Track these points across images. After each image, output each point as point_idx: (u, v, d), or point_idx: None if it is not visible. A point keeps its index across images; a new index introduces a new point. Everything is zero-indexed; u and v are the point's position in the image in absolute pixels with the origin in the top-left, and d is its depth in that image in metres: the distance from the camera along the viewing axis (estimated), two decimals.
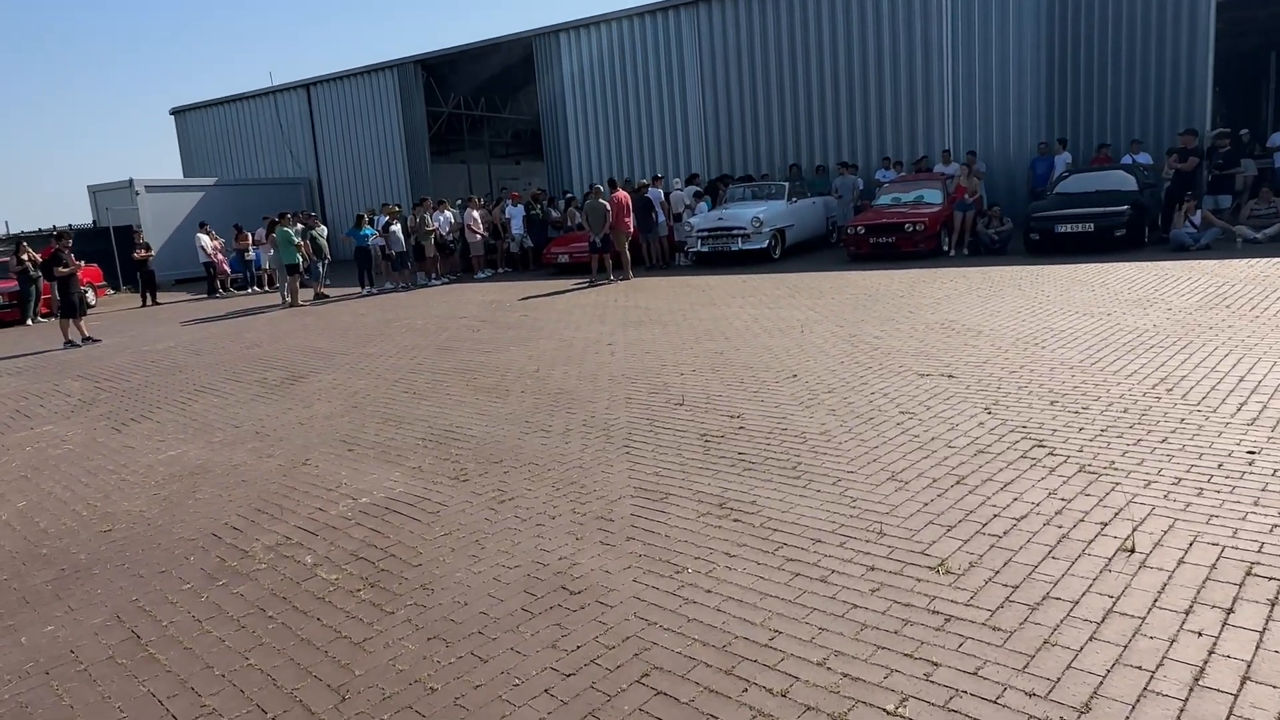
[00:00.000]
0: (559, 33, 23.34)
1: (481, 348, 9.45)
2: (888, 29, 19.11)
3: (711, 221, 16.16)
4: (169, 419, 7.35)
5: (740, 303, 11.06)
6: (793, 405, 5.89)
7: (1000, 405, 5.44)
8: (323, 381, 8.39)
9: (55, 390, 9.21)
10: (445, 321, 11.88)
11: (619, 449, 5.27)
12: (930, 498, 4.04)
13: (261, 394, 8.07)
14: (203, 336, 12.63)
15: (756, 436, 5.25)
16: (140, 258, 18.70)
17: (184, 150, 32.36)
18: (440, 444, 5.77)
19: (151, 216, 23.26)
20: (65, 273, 12.58)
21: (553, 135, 24.03)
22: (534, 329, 10.45)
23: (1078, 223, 12.91)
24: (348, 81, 27.58)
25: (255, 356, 10.31)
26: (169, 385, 8.92)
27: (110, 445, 6.62)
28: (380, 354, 9.68)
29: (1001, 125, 18.52)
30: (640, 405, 6.28)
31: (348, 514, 4.57)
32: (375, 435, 6.18)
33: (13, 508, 5.25)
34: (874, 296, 10.61)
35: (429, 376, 8.14)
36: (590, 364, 8.02)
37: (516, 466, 5.11)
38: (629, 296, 12.84)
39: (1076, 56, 17.60)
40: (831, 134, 20.17)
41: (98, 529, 4.72)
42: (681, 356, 7.96)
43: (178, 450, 6.27)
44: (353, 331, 11.73)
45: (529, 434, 5.80)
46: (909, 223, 14.26)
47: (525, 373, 7.87)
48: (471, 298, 14.59)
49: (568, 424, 5.96)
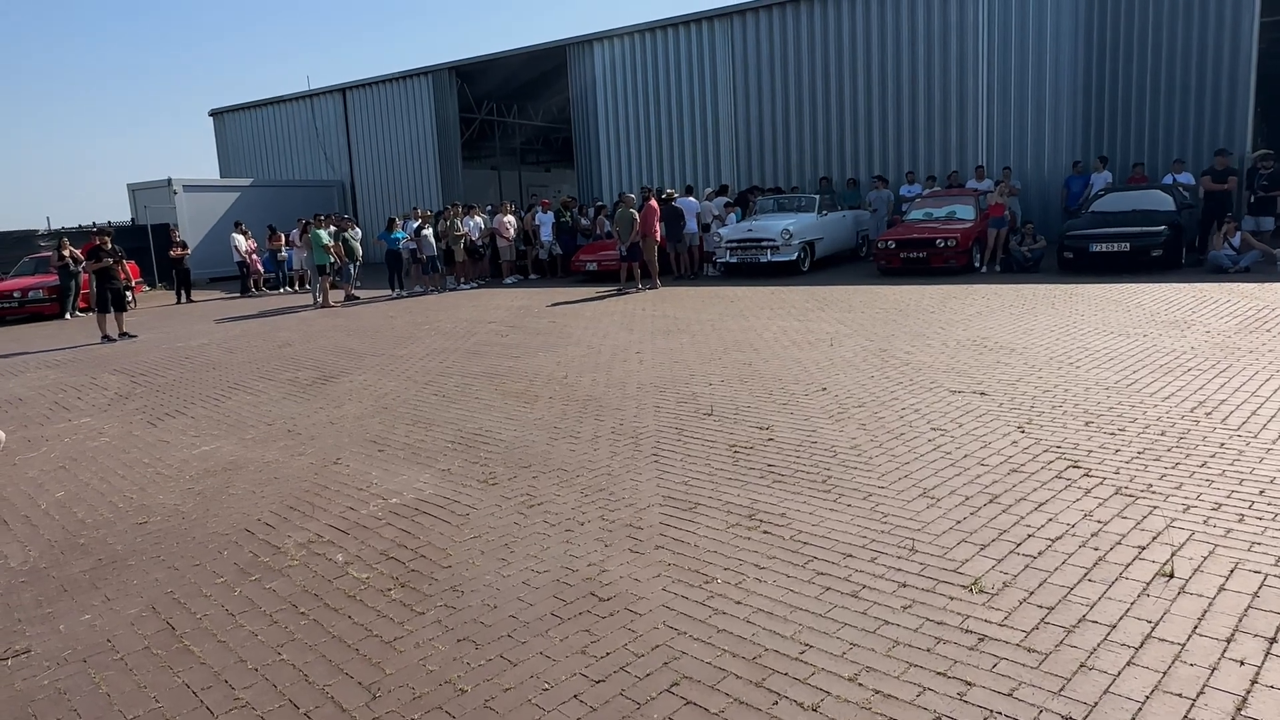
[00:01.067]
0: (592, 42, 23.49)
1: (510, 353, 9.50)
2: (923, 42, 19.03)
3: (741, 232, 16.16)
4: (203, 415, 7.46)
5: (769, 314, 11.04)
6: (823, 418, 5.86)
7: (1034, 424, 5.38)
8: (353, 382, 8.47)
9: (92, 384, 9.38)
10: (474, 326, 11.96)
11: (647, 457, 5.27)
12: (963, 515, 4.00)
13: (293, 393, 8.16)
14: (236, 335, 12.81)
15: (786, 449, 5.23)
16: (176, 255, 19.03)
17: (221, 151, 32.90)
18: (469, 447, 5.80)
19: (188, 215, 23.66)
20: (98, 266, 12.81)
21: (584, 143, 24.16)
22: (562, 335, 10.49)
23: (1113, 242, 12.75)
24: (383, 87, 27.92)
25: (287, 356, 10.44)
26: (203, 382, 9.05)
27: (146, 439, 6.72)
28: (410, 356, 9.76)
29: (1036, 142, 18.36)
30: (669, 414, 6.28)
31: (378, 514, 4.61)
32: (405, 437, 6.22)
33: (51, 498, 5.35)
34: (904, 311, 10.54)
35: (458, 380, 8.19)
36: (618, 371, 8.03)
37: (545, 472, 5.13)
38: (657, 305, 12.86)
39: (1115, 75, 17.42)
40: (864, 147, 20.10)
41: (134, 521, 4.79)
42: (710, 367, 7.96)
43: (211, 446, 6.36)
44: (383, 333, 11.84)
45: (557, 440, 5.82)
46: (941, 238, 14.16)
47: (554, 379, 7.90)
48: (500, 303, 14.68)
49: (596, 431, 5.97)
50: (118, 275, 13.01)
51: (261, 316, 15.25)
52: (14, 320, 17.10)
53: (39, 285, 17.14)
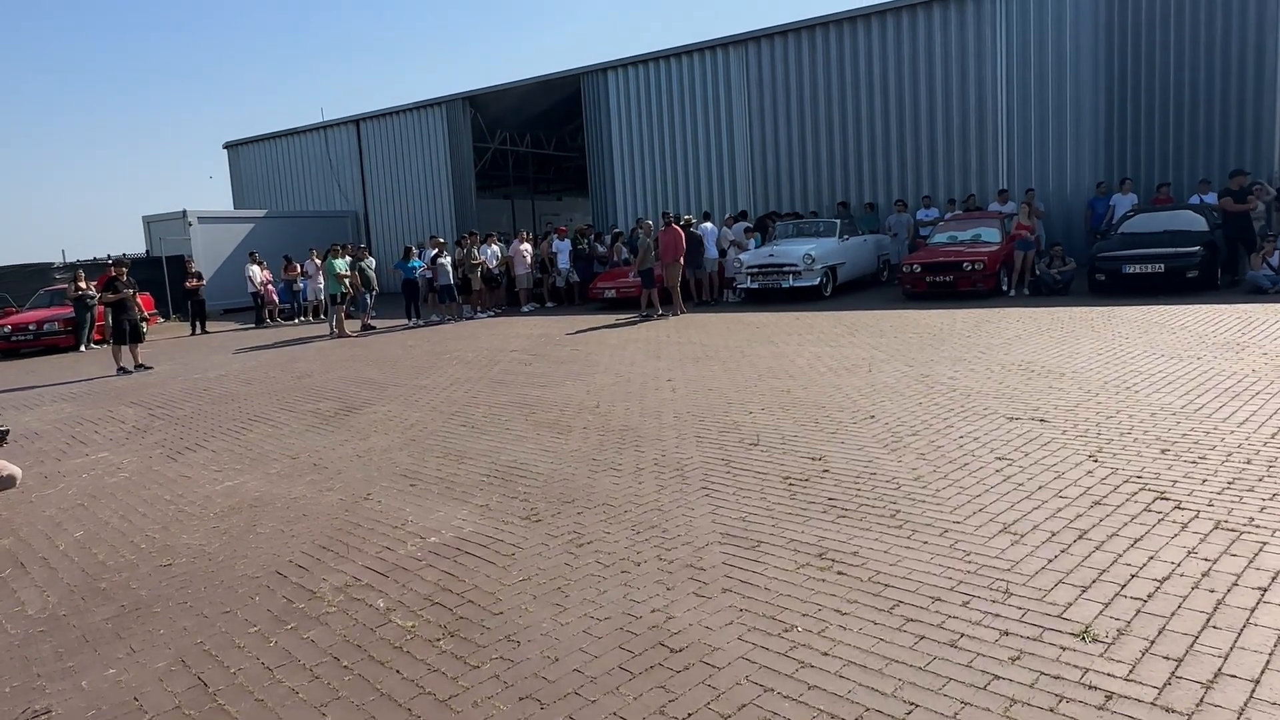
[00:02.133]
0: (607, 71, 23.52)
1: (537, 381, 9.25)
2: (940, 66, 18.93)
3: (762, 258, 15.95)
4: (224, 448, 7.21)
5: (798, 340, 10.77)
6: (877, 448, 5.57)
7: (1106, 453, 5.08)
8: (377, 413, 8.22)
9: (110, 417, 9.16)
10: (496, 354, 11.73)
11: (697, 491, 4.98)
12: (1053, 553, 3.70)
13: (316, 425, 7.92)
14: (253, 365, 12.61)
15: (845, 481, 4.94)
16: (192, 286, 18.93)
17: (235, 183, 33.04)
18: (506, 481, 5.53)
19: (203, 246, 23.64)
20: (114, 298, 12.65)
21: (598, 171, 24.09)
22: (588, 364, 10.24)
23: (1147, 263, 12.47)
24: (397, 117, 28.02)
25: (307, 386, 10.21)
26: (223, 414, 8.82)
27: (166, 474, 6.48)
28: (433, 386, 9.52)
29: (1059, 164, 18.16)
30: (712, 444, 6.00)
31: (417, 554, 4.33)
32: (437, 470, 5.96)
33: (70, 538, 5.09)
34: (938, 336, 10.26)
35: (486, 410, 7.94)
36: (652, 400, 7.76)
37: (590, 507, 4.85)
38: (681, 332, 12.61)
39: (1137, 94, 17.24)
40: (881, 171, 19.93)
41: (157, 563, 4.53)
42: (746, 395, 7.68)
43: (235, 481, 6.10)
44: (403, 363, 11.61)
45: (598, 472, 5.54)
46: (968, 261, 13.91)
47: (585, 408, 7.63)
48: (519, 331, 14.46)
49: (638, 462, 5.69)
50: (133, 307, 12.85)
51: (278, 347, 15.07)
52: (29, 353, 16.97)
53: (54, 318, 17.03)
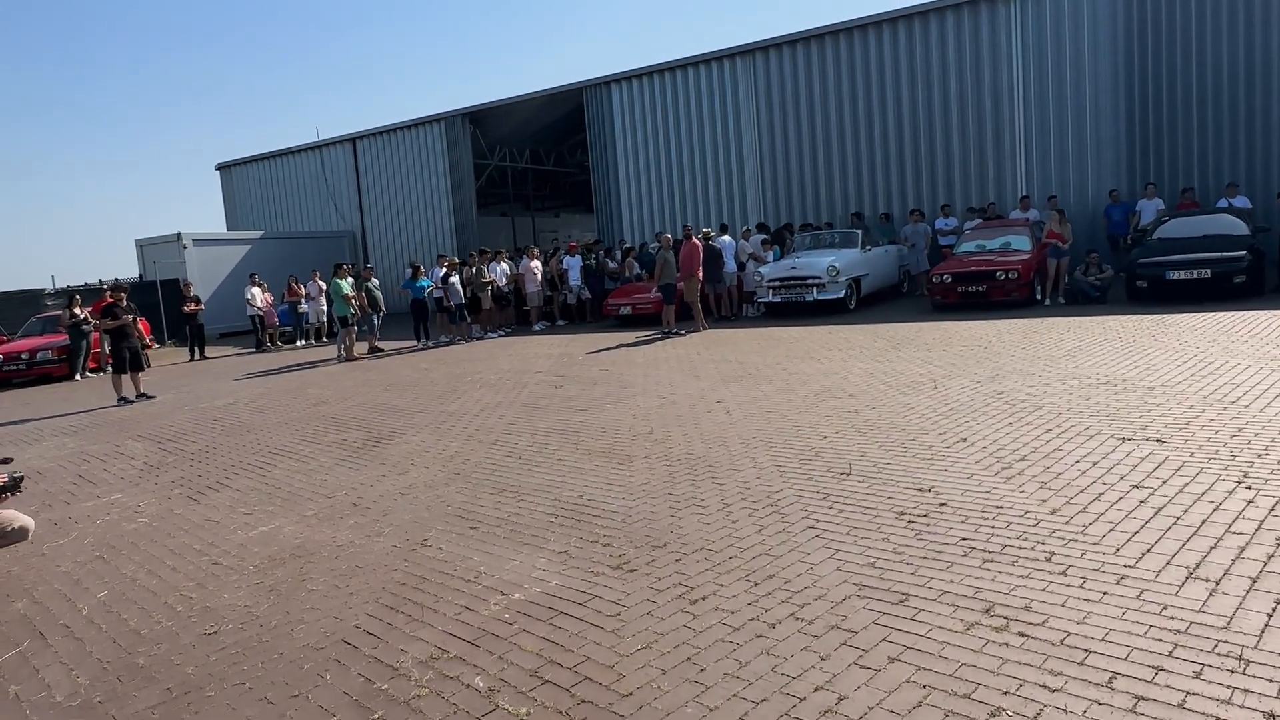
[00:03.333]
0: (610, 84, 23.10)
1: (573, 405, 8.69)
2: (954, 72, 18.58)
3: (783, 271, 15.46)
4: (249, 487, 6.61)
5: (839, 356, 10.26)
6: (987, 476, 5.04)
7: (1257, 478, 4.56)
8: (410, 444, 7.64)
9: (117, 452, 8.54)
10: (520, 376, 11.16)
11: (803, 530, 4.43)
12: (1267, 606, 3.16)
13: (345, 458, 7.33)
14: (262, 393, 11.99)
15: (970, 516, 4.40)
16: (190, 311, 18.31)
17: (228, 204, 32.42)
18: (577, 521, 4.96)
19: (198, 269, 23.01)
20: (114, 325, 12.01)
21: (603, 186, 23.63)
22: (623, 385, 9.69)
23: (1192, 269, 12.04)
24: (394, 135, 27.51)
25: (326, 415, 9.61)
26: (240, 447, 8.21)
27: (190, 518, 5.87)
28: (463, 412, 8.94)
29: (1079, 170, 17.80)
30: (797, 475, 5.46)
31: (505, 615, 3.76)
32: (495, 509, 5.38)
33: (93, 599, 4.49)
34: (989, 348, 9.77)
35: (528, 439, 7.37)
36: (708, 425, 7.21)
37: (686, 553, 4.29)
38: (711, 349, 12.08)
39: (1159, 99, 16.92)
40: (896, 181, 19.54)
41: (199, 629, 3.93)
42: (810, 417, 7.14)
43: (269, 526, 5.51)
44: (422, 387, 11.03)
45: (680, 510, 4.98)
46: (1001, 270, 13.46)
47: (638, 434, 7.08)
48: (537, 351, 13.90)
49: (722, 498, 5.13)
50: (134, 334, 12.22)
51: (284, 372, 14.45)
52: (21, 383, 16.28)
53: (48, 346, 16.36)
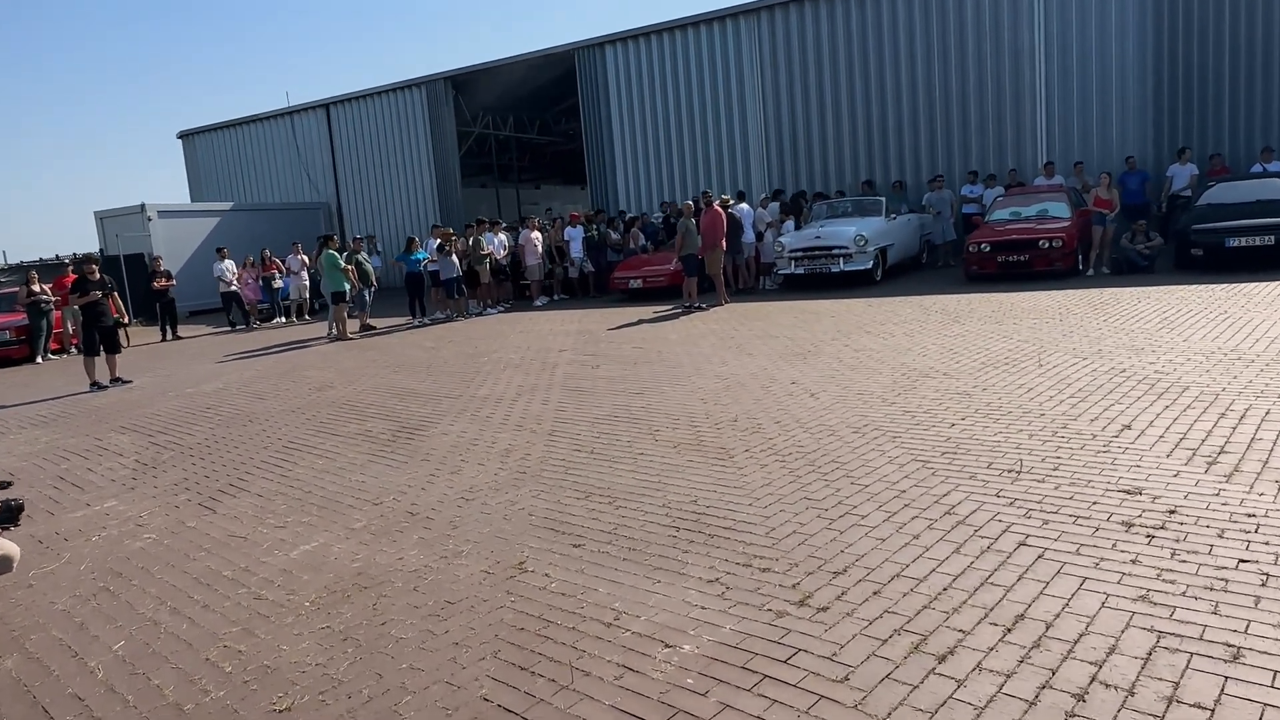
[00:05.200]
0: (604, 45, 21.89)
1: (623, 387, 7.72)
2: (972, 34, 17.72)
3: (806, 240, 14.57)
4: (271, 490, 5.57)
5: (898, 330, 9.41)
6: (1199, 474, 4.19)
7: None
8: (448, 435, 6.63)
9: (100, 447, 7.40)
10: (543, 355, 10.15)
11: (1017, 550, 3.54)
12: None
13: (376, 452, 6.30)
14: (253, 376, 10.84)
15: (1224, 528, 3.55)
16: (160, 287, 16.94)
17: (191, 175, 30.67)
18: (708, 536, 4.03)
19: (164, 243, 21.52)
20: (86, 301, 10.75)
21: (596, 155, 22.49)
22: (668, 364, 8.74)
23: (1255, 235, 11.36)
24: (371, 100, 26.02)
25: (335, 401, 8.54)
26: (246, 440, 7.13)
27: (210, 533, 4.83)
28: (497, 397, 7.93)
29: (1103, 136, 17.08)
30: (954, 473, 4.57)
31: (685, 678, 2.82)
32: (591, 519, 4.43)
33: (106, 652, 3.46)
34: (1063, 320, 8.98)
35: (589, 428, 6.40)
36: (797, 410, 6.30)
37: (881, 582, 3.38)
38: (744, 324, 11.16)
39: (1189, 62, 16.23)
40: (909, 148, 18.70)
41: (264, 703, 2.94)
42: (914, 400, 6.27)
43: (312, 543, 4.50)
44: (436, 369, 9.97)
45: (835, 521, 4.07)
46: (1044, 238, 12.69)
47: (720, 422, 6.15)
48: (548, 328, 12.87)
49: (878, 504, 4.23)
50: (109, 311, 10.97)
51: (270, 353, 13.25)
52: None
53: (4, 326, 14.95)
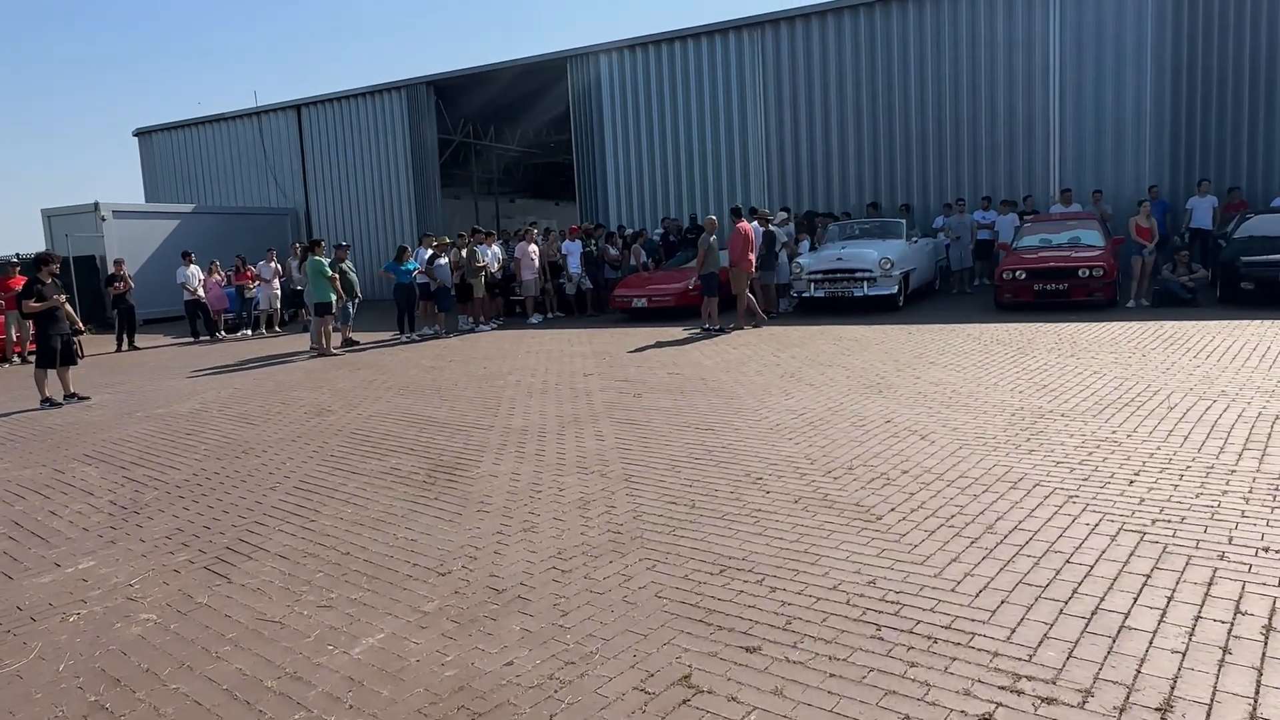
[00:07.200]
0: (598, 54, 21.03)
1: (681, 420, 6.71)
2: (985, 56, 17.26)
3: (828, 262, 13.74)
4: (296, 549, 4.43)
5: (965, 361, 8.57)
6: None
7: None
8: (497, 476, 5.55)
9: (62, 481, 6.14)
10: (567, 379, 9.09)
11: None
12: None
13: (415, 498, 5.19)
14: (233, 395, 9.57)
15: None
16: (118, 292, 15.44)
17: (147, 175, 28.92)
18: (926, 639, 3.04)
19: (118, 245, 19.94)
20: (40, 307, 9.42)
21: (587, 168, 21.55)
22: (722, 394, 7.75)
23: None
24: (347, 103, 24.73)
25: (340, 429, 7.37)
26: (245, 477, 5.95)
27: (230, 614, 3.68)
28: (537, 429, 6.86)
29: (1116, 164, 16.68)
30: (1190, 548, 3.65)
31: None
32: (745, 604, 3.41)
33: None
34: (1143, 354, 8.23)
35: (669, 472, 5.38)
36: (916, 455, 5.37)
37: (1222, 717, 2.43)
38: (782, 349, 10.24)
39: (1208, 93, 15.93)
40: (917, 171, 18.13)
41: None
42: (1049, 446, 5.37)
43: (376, 634, 3.39)
44: (447, 392, 8.85)
45: (1089, 621, 3.11)
46: (1084, 267, 12.06)
47: (833, 469, 5.17)
48: (557, 348, 11.81)
49: (1128, 595, 3.28)
50: (64, 319, 9.63)
51: (246, 368, 11.94)
52: None
53: None
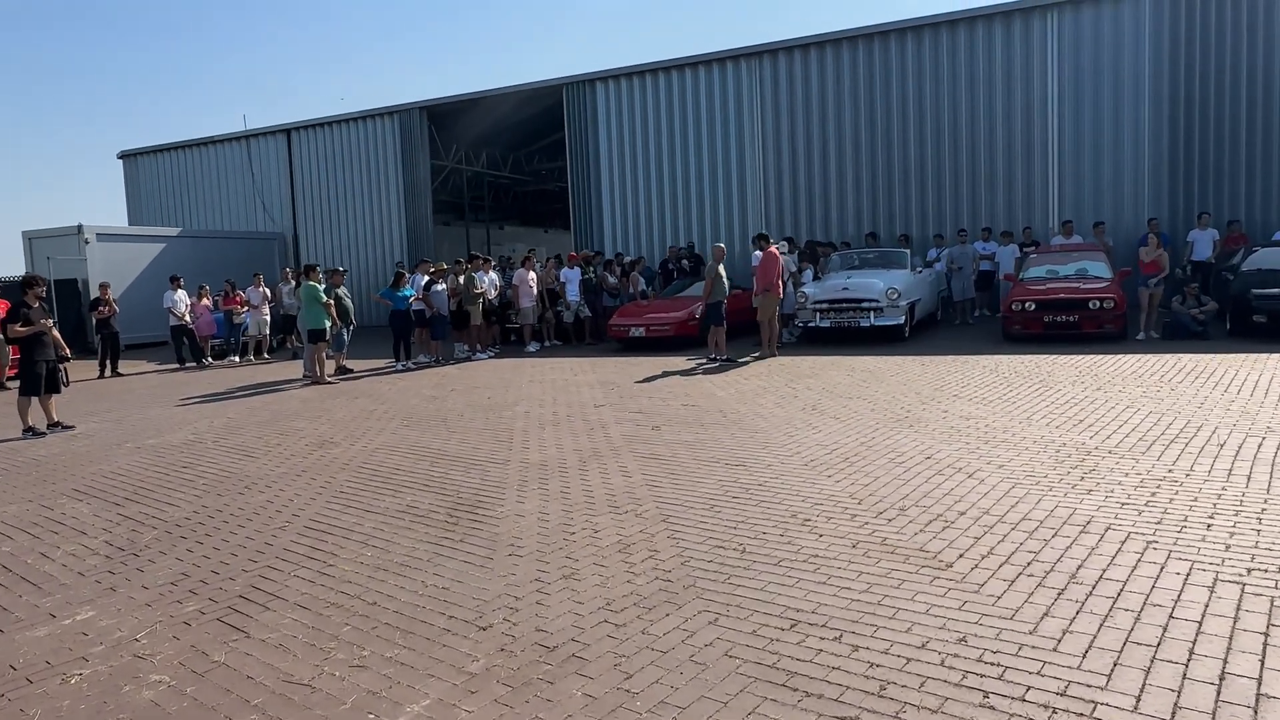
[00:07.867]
0: (595, 81, 20.95)
1: (709, 455, 6.41)
2: (983, 87, 17.32)
3: (833, 292, 13.57)
4: (317, 599, 4.06)
5: (989, 394, 8.34)
6: None
7: None
8: (524, 516, 5.20)
9: (52, 519, 5.72)
10: (578, 410, 8.77)
11: None
12: None
13: (439, 540, 4.84)
14: (228, 426, 9.16)
15: None
16: (102, 316, 14.96)
17: (131, 198, 28.44)
18: (1045, 709, 2.73)
19: (101, 268, 19.46)
20: (29, 331, 8.99)
21: (582, 195, 21.38)
22: (745, 428, 7.45)
23: None
24: (338, 128, 24.49)
25: (345, 462, 7.00)
26: (250, 516, 5.56)
27: (252, 675, 3.31)
28: (556, 463, 6.52)
29: (1115, 196, 16.72)
30: None
31: None
32: (830, 667, 3.09)
33: None
34: (1170, 387, 8.04)
35: (708, 512, 5.06)
36: (970, 496, 5.09)
37: None
38: (795, 381, 9.99)
39: (1205, 126, 16.04)
40: (915, 201, 18.09)
41: None
42: (1108, 486, 5.12)
43: (421, 700, 3.04)
44: (453, 423, 8.49)
45: (1239, 706, 2.83)
46: (1094, 299, 11.94)
47: (884, 510, 4.88)
48: (558, 376, 11.49)
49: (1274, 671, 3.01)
50: (51, 345, 9.20)
51: (238, 397, 11.51)
52: None
53: None
